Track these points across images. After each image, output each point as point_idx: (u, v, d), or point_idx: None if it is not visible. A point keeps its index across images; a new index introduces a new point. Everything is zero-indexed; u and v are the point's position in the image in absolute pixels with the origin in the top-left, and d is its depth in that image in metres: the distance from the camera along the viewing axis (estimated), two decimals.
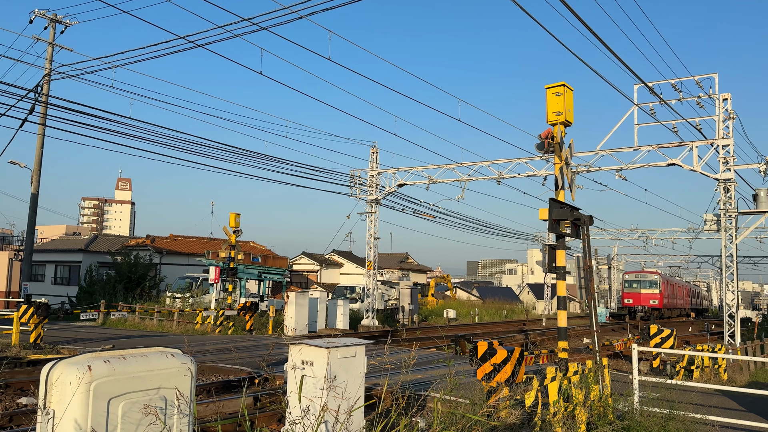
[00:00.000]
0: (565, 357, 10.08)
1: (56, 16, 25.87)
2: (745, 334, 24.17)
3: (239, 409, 8.61)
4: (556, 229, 10.10)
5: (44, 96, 22.21)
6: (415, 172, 28.29)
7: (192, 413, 4.64)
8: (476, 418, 5.94)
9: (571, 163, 11.00)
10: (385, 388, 5.70)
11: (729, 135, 21.72)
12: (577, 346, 20.64)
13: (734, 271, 21.88)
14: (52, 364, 4.17)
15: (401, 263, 64.69)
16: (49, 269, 41.98)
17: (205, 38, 14.90)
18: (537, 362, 14.55)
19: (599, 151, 23.58)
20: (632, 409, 8.45)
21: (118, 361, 4.31)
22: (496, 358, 8.84)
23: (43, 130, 24.86)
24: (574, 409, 7.68)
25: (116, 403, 4.19)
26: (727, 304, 22.24)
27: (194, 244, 44.42)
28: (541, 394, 7.54)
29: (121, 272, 32.83)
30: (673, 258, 63.42)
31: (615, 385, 9.39)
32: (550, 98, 10.57)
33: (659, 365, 14.67)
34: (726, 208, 21.70)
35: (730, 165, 21.55)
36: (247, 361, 13.69)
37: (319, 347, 6.22)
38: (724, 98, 21.95)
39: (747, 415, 9.83)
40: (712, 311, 69.78)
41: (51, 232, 70.28)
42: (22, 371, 12.00)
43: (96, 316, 25.82)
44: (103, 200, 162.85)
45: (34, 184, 25.60)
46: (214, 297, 25.18)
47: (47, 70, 25.01)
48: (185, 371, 4.68)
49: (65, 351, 15.57)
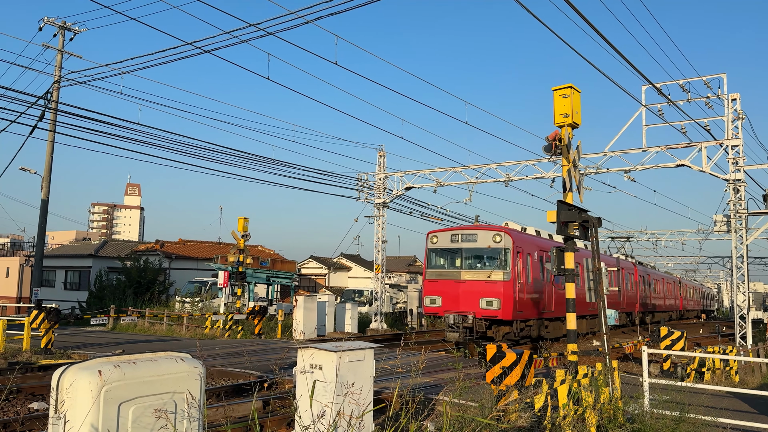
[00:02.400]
0: (575, 359, 10.04)
1: (65, 23, 26.08)
2: (756, 336, 23.97)
3: (249, 412, 8.63)
4: (565, 232, 10.08)
5: (54, 103, 22.39)
6: (423, 175, 28.28)
7: (202, 417, 4.66)
8: (486, 421, 5.93)
9: (579, 165, 10.98)
10: (396, 392, 5.71)
11: (738, 135, 21.58)
12: (586, 348, 20.55)
13: (745, 272, 21.71)
14: (63, 369, 4.20)
15: (409, 266, 64.63)
16: (59, 274, 42.24)
17: (213, 44, 15.01)
18: (546, 365, 14.52)
19: (607, 153, 23.49)
20: (642, 412, 8.40)
21: (129, 365, 4.34)
22: (505, 361, 8.82)
23: (52, 137, 25.05)
24: (584, 412, 7.65)
25: (127, 407, 4.22)
26: (738, 305, 22.07)
27: (203, 248, 44.58)
28: (550, 397, 7.51)
29: (130, 277, 33.00)
30: (683, 259, 63.02)
31: (625, 387, 9.35)
32: (558, 100, 10.56)
33: (670, 367, 14.58)
34: (736, 208, 21.55)
35: (740, 165, 21.42)
36: (256, 365, 13.71)
37: (328, 351, 6.23)
38: (733, 98, 21.83)
39: (759, 418, 9.74)
40: (724, 312, 69.21)
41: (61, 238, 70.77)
42: (33, 376, 12.07)
43: (106, 321, 25.95)
44: (112, 206, 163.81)
45: (44, 190, 25.79)
46: (223, 301, 25.27)
47: (57, 77, 25.21)
48: (195, 375, 4.70)
49: (76, 356, 15.65)
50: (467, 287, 19.58)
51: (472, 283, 19.57)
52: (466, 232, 20.54)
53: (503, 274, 19.05)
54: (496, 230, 19.93)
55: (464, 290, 19.59)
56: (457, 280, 19.93)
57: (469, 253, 20.21)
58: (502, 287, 18.90)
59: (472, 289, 19.42)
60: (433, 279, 20.69)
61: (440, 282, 20.31)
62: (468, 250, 20.18)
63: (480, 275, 19.51)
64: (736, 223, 21.64)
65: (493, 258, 19.58)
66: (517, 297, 19.17)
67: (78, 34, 26.41)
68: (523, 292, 19.80)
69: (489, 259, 19.73)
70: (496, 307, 18.71)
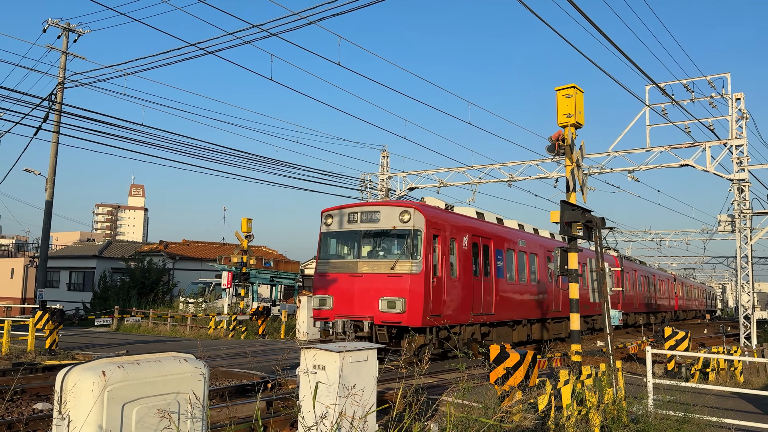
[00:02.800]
0: (579, 360, 10.03)
1: (69, 25, 26.17)
2: (761, 336, 23.90)
3: (253, 413, 8.63)
4: (568, 232, 10.07)
5: (58, 104, 22.46)
6: (426, 175, 28.28)
7: (205, 417, 4.67)
8: (490, 422, 5.92)
9: (582, 165, 10.96)
10: (400, 392, 5.70)
11: (742, 135, 21.53)
12: (590, 348, 20.52)
13: (750, 272, 21.66)
14: (67, 369, 4.22)
15: None
16: (63, 275, 42.38)
17: (216, 45, 15.02)
18: (550, 365, 14.50)
19: (611, 153, 23.46)
20: (646, 412, 8.39)
21: (132, 366, 4.35)
22: (508, 361, 8.81)
23: (56, 138, 25.12)
24: (588, 413, 7.64)
25: (130, 407, 4.23)
26: (743, 305, 22.01)
27: (207, 249, 44.66)
28: (554, 397, 7.50)
29: (134, 278, 33.09)
30: (687, 259, 62.87)
31: (629, 388, 9.33)
32: (561, 100, 10.55)
33: (674, 368, 14.55)
34: (740, 208, 21.50)
35: (744, 165, 21.37)
36: (260, 366, 13.74)
37: (331, 351, 6.24)
38: (737, 98, 21.78)
39: (764, 418, 9.71)
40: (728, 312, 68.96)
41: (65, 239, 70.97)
42: (37, 377, 12.11)
43: (110, 321, 26.03)
44: (116, 207, 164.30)
45: (48, 192, 25.87)
46: (227, 302, 25.32)
47: (61, 78, 25.28)
48: (198, 376, 4.71)
49: (80, 356, 15.69)
50: (365, 283, 14.69)
51: (371, 277, 14.67)
52: (366, 210, 15.60)
53: (411, 265, 14.18)
54: (405, 206, 15.25)
55: (361, 287, 14.71)
56: (352, 274, 14.97)
57: (370, 237, 15.31)
58: (408, 282, 14.05)
59: (370, 286, 14.58)
60: (323, 272, 15.71)
61: (332, 276, 15.43)
62: (368, 234, 15.28)
63: (381, 267, 14.60)
64: (741, 223, 21.60)
65: (400, 243, 14.82)
66: (432, 296, 14.27)
67: (82, 35, 26.50)
68: (443, 290, 14.79)
69: (396, 245, 14.95)
70: (400, 310, 13.84)
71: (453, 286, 15.33)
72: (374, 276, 14.66)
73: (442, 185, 27.60)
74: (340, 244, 15.99)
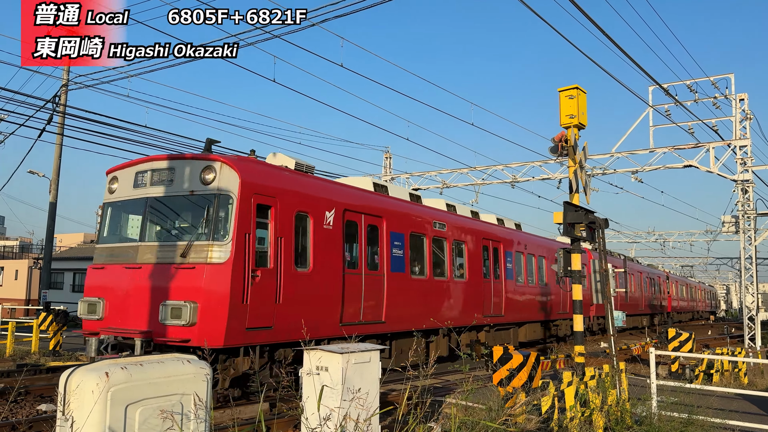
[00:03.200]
0: (582, 361, 10.01)
1: None
2: (765, 337, 23.81)
3: (256, 414, 8.64)
4: (571, 233, 10.05)
5: (62, 106, 22.53)
6: (429, 176, 28.27)
7: (209, 419, 4.67)
8: (494, 425, 5.92)
9: (585, 166, 10.95)
10: (406, 394, 5.70)
11: (746, 135, 21.48)
12: (593, 350, 20.47)
13: (754, 273, 21.60)
14: (71, 371, 4.23)
15: None
16: (67, 277, 42.46)
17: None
18: (553, 367, 14.48)
19: (614, 154, 23.42)
20: (650, 414, 8.37)
21: (135, 367, 4.35)
22: (511, 362, 8.81)
23: (60, 140, 25.19)
24: (591, 414, 7.62)
25: (134, 409, 4.24)
26: (747, 306, 21.94)
27: None
28: (558, 399, 7.49)
29: None
30: (691, 260, 62.74)
31: (633, 389, 9.30)
32: (563, 101, 10.55)
33: (678, 369, 14.51)
34: (744, 209, 21.44)
35: (748, 166, 21.31)
36: None
37: (334, 353, 6.24)
38: (741, 98, 21.74)
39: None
40: (732, 313, 68.73)
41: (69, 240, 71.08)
42: (41, 378, 12.13)
43: None
44: None
45: (52, 193, 25.94)
46: None
47: (64, 80, 25.35)
48: (202, 377, 4.71)
49: (84, 358, 15.72)
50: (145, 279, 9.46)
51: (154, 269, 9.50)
52: (156, 167, 10.17)
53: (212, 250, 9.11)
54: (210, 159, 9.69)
55: (138, 285, 9.50)
56: (129, 265, 9.79)
57: (157, 209, 10.07)
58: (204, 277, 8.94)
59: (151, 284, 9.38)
60: (98, 264, 10.45)
61: (107, 270, 10.19)
62: (156, 202, 10.04)
63: (169, 253, 9.48)
64: (745, 224, 21.54)
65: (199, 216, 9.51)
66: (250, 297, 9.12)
67: None
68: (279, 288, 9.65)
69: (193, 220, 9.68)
70: (188, 321, 8.70)
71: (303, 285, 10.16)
72: (158, 268, 9.44)
73: (445, 186, 27.59)
74: (124, 221, 10.66)
